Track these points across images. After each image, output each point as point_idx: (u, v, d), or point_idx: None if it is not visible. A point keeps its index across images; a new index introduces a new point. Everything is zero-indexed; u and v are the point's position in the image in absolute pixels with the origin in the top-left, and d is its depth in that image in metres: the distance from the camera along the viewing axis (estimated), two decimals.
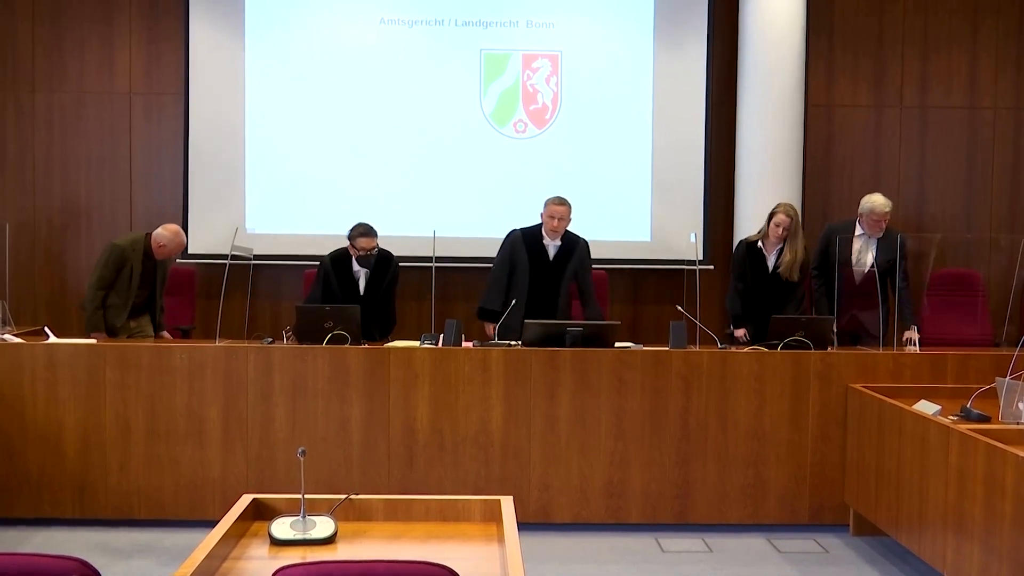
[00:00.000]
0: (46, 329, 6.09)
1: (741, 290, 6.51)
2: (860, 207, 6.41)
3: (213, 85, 7.84)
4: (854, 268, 6.41)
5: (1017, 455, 3.89)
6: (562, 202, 6.38)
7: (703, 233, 7.94)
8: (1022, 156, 8.35)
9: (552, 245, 6.45)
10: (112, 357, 5.54)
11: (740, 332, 6.42)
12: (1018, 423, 4.38)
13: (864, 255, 6.42)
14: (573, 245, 6.48)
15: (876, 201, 6.32)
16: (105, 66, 7.98)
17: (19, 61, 7.93)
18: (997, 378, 4.75)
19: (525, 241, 6.44)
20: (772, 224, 6.42)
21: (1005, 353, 5.38)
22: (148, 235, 6.25)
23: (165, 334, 6.48)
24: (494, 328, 6.19)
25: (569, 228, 6.46)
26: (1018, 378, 4.57)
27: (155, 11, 7.95)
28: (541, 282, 6.42)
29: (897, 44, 8.24)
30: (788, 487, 5.63)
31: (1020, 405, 4.45)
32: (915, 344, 6.07)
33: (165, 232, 6.22)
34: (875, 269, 6.34)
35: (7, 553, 2.23)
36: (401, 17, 7.91)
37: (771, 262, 6.45)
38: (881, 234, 6.38)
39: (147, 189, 8.03)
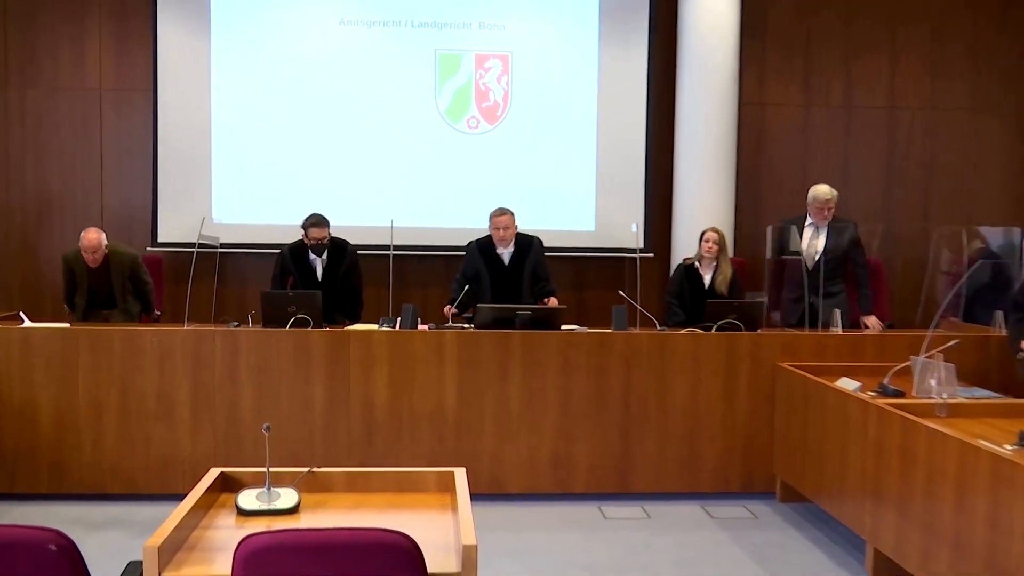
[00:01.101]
0: (21, 314, 6.01)
1: (678, 305, 6.57)
2: (807, 196, 6.46)
3: (180, 82, 7.77)
4: (804, 255, 6.44)
5: (929, 427, 3.98)
6: (503, 212, 6.44)
7: (644, 223, 8.00)
8: (936, 153, 8.50)
9: (506, 253, 6.49)
10: (85, 340, 5.48)
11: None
12: (930, 398, 4.47)
13: (814, 243, 6.46)
14: (527, 247, 6.53)
15: (820, 190, 6.38)
16: (76, 63, 7.88)
17: None
18: (912, 357, 4.83)
19: (481, 252, 6.48)
20: (704, 242, 6.56)
21: (919, 334, 5.48)
22: None
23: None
24: (451, 311, 6.21)
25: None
26: (931, 357, 4.65)
27: (124, 10, 7.86)
28: (501, 287, 6.46)
29: (824, 48, 8.35)
30: (721, 458, 5.71)
31: (932, 381, 4.53)
32: (877, 329, 6.14)
33: (82, 241, 6.17)
34: (823, 256, 6.37)
35: None
36: (360, 18, 7.89)
37: (707, 279, 6.54)
38: (827, 222, 6.41)
39: (118, 181, 7.95)
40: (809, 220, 6.46)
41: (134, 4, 7.85)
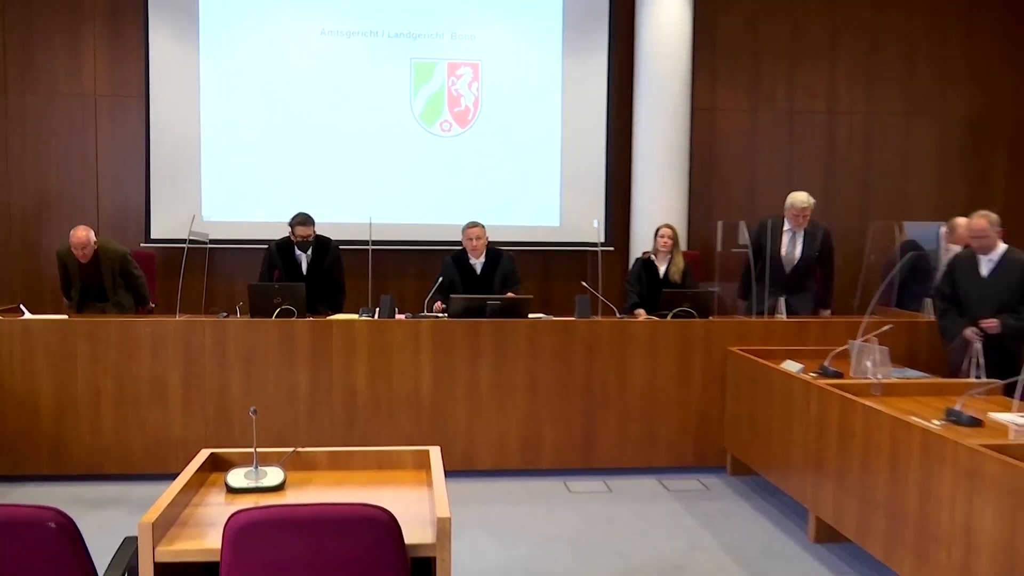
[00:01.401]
0: (21, 307, 5.97)
1: (634, 290, 6.55)
2: (786, 202, 6.34)
3: (171, 88, 7.69)
4: (783, 258, 6.39)
5: (865, 404, 4.04)
6: (474, 225, 6.48)
7: (604, 219, 8.02)
8: (871, 154, 8.58)
9: (478, 263, 6.49)
10: (82, 331, 5.44)
11: (640, 311, 6.45)
12: (866, 378, 4.53)
13: (793, 247, 6.42)
14: (497, 259, 6.52)
15: (797, 197, 6.30)
16: (73, 70, 7.79)
17: None
18: (849, 341, 4.90)
19: (455, 264, 6.49)
20: (659, 237, 6.58)
21: (855, 320, 5.54)
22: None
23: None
24: (440, 307, 6.19)
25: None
26: (866, 341, 4.71)
27: (117, 21, 7.77)
28: (474, 294, 6.43)
29: (769, 57, 8.40)
30: (676, 436, 5.75)
31: (867, 363, 4.60)
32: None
33: (72, 239, 6.10)
34: (803, 259, 6.39)
35: None
36: (340, 28, 7.85)
37: (662, 270, 6.57)
38: (803, 227, 6.36)
39: (112, 181, 7.87)
40: (787, 225, 6.38)
41: (127, 15, 7.76)
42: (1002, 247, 5.24)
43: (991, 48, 8.59)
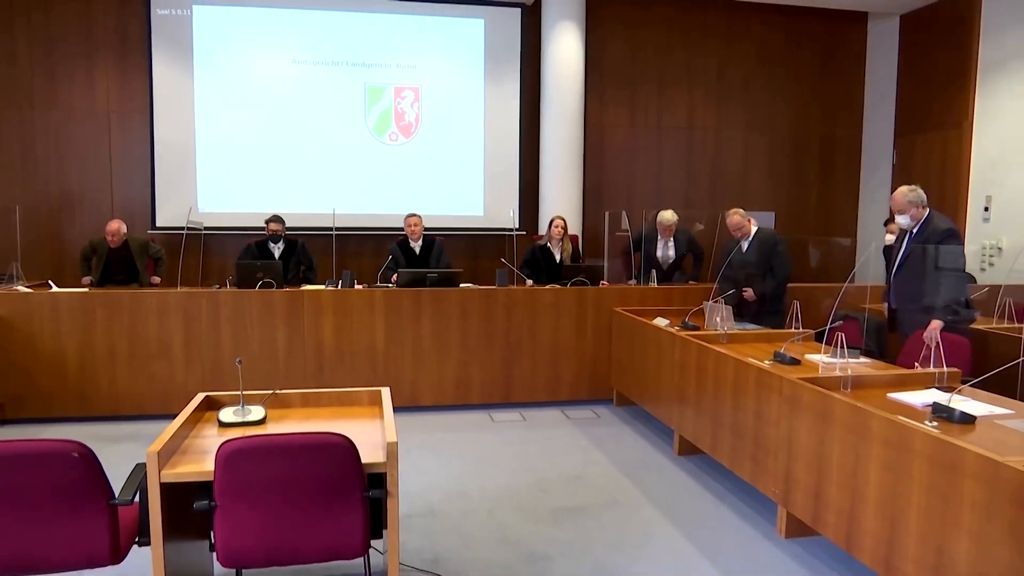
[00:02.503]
0: (49, 282, 5.76)
1: (529, 274, 6.41)
2: (657, 219, 6.39)
3: (170, 104, 7.42)
4: (659, 258, 6.41)
5: (715, 350, 4.13)
6: (413, 215, 6.39)
7: (519, 209, 8.02)
8: (720, 162, 8.72)
9: (417, 246, 6.41)
10: (100, 301, 5.25)
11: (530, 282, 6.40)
12: (716, 330, 4.64)
13: (667, 250, 6.43)
14: (432, 244, 6.45)
15: (663, 216, 6.34)
16: (88, 91, 7.44)
17: (20, 86, 7.32)
18: (704, 302, 5.01)
19: (400, 247, 6.39)
20: (553, 227, 6.48)
21: (709, 287, 5.66)
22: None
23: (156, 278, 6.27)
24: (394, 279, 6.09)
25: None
26: (716, 302, 4.82)
27: (125, 50, 7.45)
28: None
29: (643, 81, 8.44)
30: (575, 376, 5.82)
31: (717, 319, 4.70)
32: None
33: (108, 226, 6.10)
34: (675, 259, 6.46)
35: (24, 440, 2.16)
36: (308, 59, 7.65)
37: (557, 255, 6.56)
38: (671, 236, 6.41)
39: (123, 181, 7.57)
40: (660, 236, 6.42)
41: (133, 44, 7.44)
42: (754, 229, 5.49)
43: (805, 80, 8.79)
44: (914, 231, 4.41)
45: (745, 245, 5.53)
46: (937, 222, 4.36)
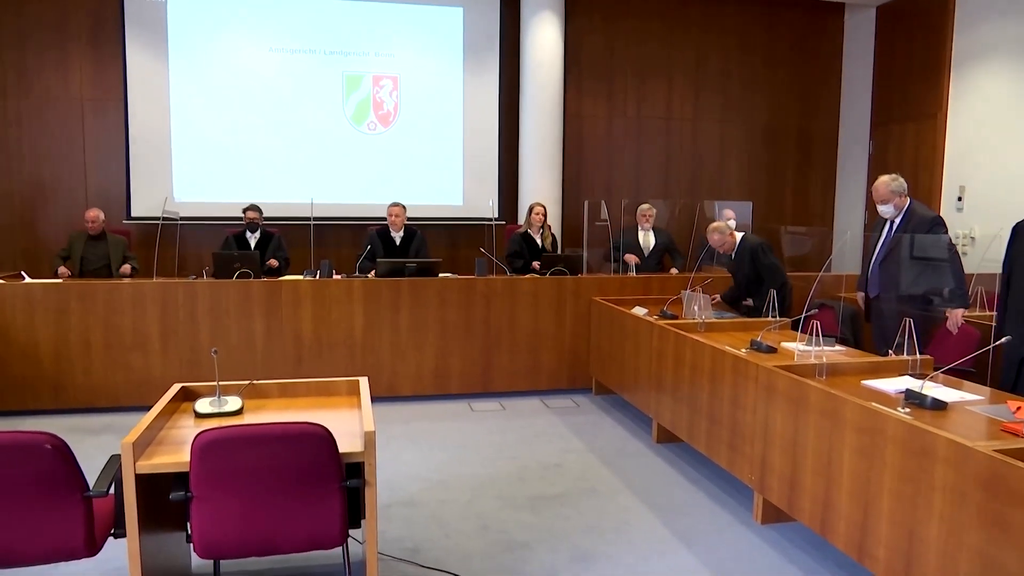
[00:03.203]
0: (22, 273, 5.67)
1: (514, 262, 6.49)
2: (637, 210, 6.58)
3: (145, 92, 7.30)
4: (641, 246, 6.50)
5: (692, 338, 4.15)
6: (396, 204, 6.36)
7: (498, 199, 8.00)
8: (698, 152, 8.75)
9: (397, 236, 6.38)
10: (75, 292, 5.18)
11: (535, 264, 6.40)
12: (694, 319, 4.66)
13: (648, 238, 6.52)
14: (413, 234, 6.42)
15: (642, 206, 6.54)
16: (61, 78, 7.31)
17: None
18: (682, 291, 5.03)
19: (379, 236, 6.36)
20: (533, 214, 6.54)
21: (687, 276, 5.69)
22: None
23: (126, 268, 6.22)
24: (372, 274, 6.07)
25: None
26: (694, 291, 4.84)
27: (99, 37, 7.32)
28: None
29: (622, 73, 8.44)
30: (554, 365, 5.82)
31: (695, 308, 4.72)
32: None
33: (87, 213, 6.18)
34: (654, 248, 6.56)
35: None
36: (285, 47, 7.56)
37: (539, 241, 6.57)
38: (650, 224, 6.53)
39: (97, 170, 7.45)
40: (639, 226, 6.55)
41: (107, 32, 7.31)
42: (739, 238, 5.43)
43: (783, 71, 8.84)
44: (897, 221, 4.44)
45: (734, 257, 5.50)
46: (921, 211, 4.40)
